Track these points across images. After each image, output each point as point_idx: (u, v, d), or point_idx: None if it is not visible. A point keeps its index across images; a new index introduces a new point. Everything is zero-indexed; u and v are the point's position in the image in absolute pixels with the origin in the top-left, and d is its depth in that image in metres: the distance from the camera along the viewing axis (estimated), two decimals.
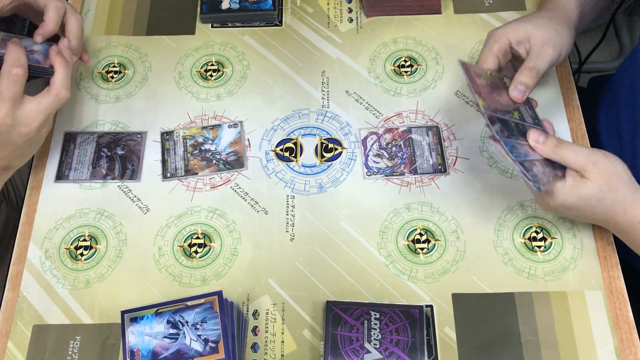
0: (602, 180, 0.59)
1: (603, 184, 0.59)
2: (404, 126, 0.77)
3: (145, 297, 0.68)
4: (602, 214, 0.61)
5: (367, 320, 0.63)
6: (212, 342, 0.59)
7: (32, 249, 0.72)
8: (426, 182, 0.74)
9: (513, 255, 0.69)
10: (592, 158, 0.59)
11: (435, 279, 0.68)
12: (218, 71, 0.83)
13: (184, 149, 0.77)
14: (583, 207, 0.60)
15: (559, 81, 0.79)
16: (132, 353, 0.59)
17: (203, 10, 0.86)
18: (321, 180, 0.75)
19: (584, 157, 0.59)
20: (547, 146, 0.62)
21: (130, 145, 0.78)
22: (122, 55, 0.85)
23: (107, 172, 0.76)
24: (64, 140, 0.78)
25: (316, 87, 0.81)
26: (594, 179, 0.59)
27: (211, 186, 0.75)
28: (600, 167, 0.59)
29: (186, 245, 0.71)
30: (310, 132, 0.78)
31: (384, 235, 0.71)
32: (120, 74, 0.84)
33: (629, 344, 0.64)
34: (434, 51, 0.83)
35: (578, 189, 0.59)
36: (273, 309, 0.68)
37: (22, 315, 0.68)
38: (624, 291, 0.66)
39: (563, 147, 0.60)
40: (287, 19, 0.87)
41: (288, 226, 0.72)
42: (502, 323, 0.65)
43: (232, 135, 0.77)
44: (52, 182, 0.76)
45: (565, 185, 0.60)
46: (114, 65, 0.84)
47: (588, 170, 0.59)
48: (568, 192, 0.60)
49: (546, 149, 0.61)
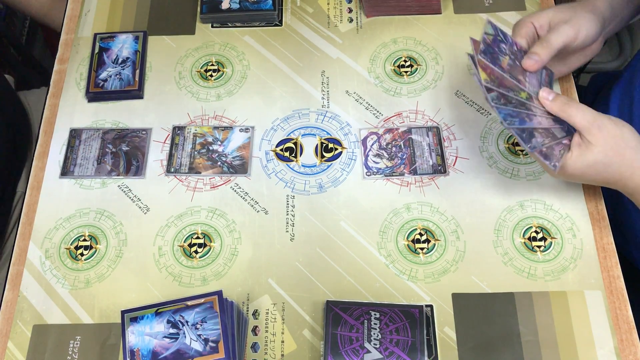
0: (607, 144, 0.59)
1: (608, 148, 0.59)
2: (404, 126, 0.77)
3: (145, 297, 0.68)
4: (610, 178, 0.62)
5: (367, 320, 0.63)
6: (212, 342, 0.59)
7: (32, 249, 0.72)
8: (426, 182, 0.74)
9: (513, 255, 0.69)
10: (599, 121, 0.60)
11: (435, 279, 0.68)
12: (218, 71, 0.83)
13: (192, 146, 0.77)
14: (591, 173, 0.61)
15: (559, 81, 0.79)
16: (132, 353, 0.60)
17: (203, 10, 0.86)
18: (321, 180, 0.75)
19: (591, 118, 0.60)
20: (556, 103, 0.62)
21: (135, 141, 0.78)
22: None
23: (112, 169, 0.76)
24: (69, 137, 0.78)
25: (316, 87, 0.81)
26: (598, 143, 0.59)
27: (211, 186, 0.75)
28: (605, 131, 0.59)
29: (186, 245, 0.72)
30: (310, 132, 0.78)
31: (384, 235, 0.71)
32: None
33: (629, 344, 0.64)
34: (434, 51, 0.83)
35: (584, 156, 0.60)
36: (273, 308, 0.68)
37: (22, 315, 0.68)
38: (624, 291, 0.66)
39: (572, 105, 0.61)
40: (287, 19, 0.87)
41: (288, 226, 0.72)
42: (502, 323, 0.65)
43: (241, 139, 0.77)
44: (52, 182, 0.76)
45: (571, 155, 0.60)
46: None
47: (592, 133, 0.59)
48: (575, 161, 0.60)
49: (555, 105, 0.62)
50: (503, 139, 0.76)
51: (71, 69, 0.84)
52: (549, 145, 0.61)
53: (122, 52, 0.84)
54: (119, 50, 0.84)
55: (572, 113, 0.61)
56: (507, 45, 0.67)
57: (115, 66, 0.83)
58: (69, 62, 0.85)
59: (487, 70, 0.63)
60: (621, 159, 0.60)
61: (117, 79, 0.81)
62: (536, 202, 0.72)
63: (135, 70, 0.82)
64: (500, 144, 0.76)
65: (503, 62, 0.65)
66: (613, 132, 0.60)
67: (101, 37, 0.85)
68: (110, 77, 0.82)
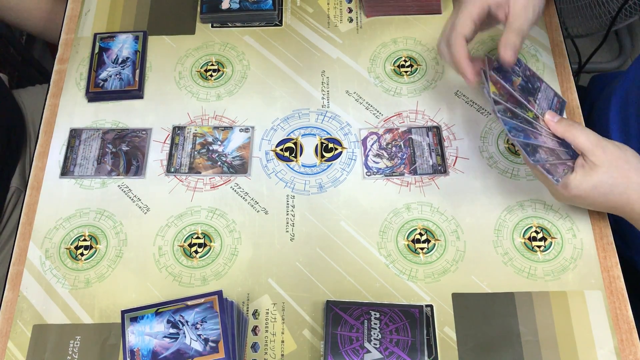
0: (611, 165, 0.59)
1: (612, 169, 0.59)
2: (404, 126, 0.77)
3: (145, 297, 0.68)
4: (617, 201, 0.61)
5: (367, 320, 0.63)
6: (212, 342, 0.59)
7: (32, 249, 0.72)
8: (426, 182, 0.74)
9: (513, 255, 0.69)
10: (602, 143, 0.60)
11: (435, 279, 0.68)
12: (218, 71, 0.83)
13: (192, 147, 0.77)
14: (596, 195, 0.60)
15: (559, 81, 0.80)
16: (132, 353, 0.59)
17: (203, 10, 0.86)
18: (321, 180, 0.75)
19: (595, 140, 0.60)
20: (561, 124, 0.63)
21: (135, 141, 0.78)
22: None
23: (112, 169, 0.76)
24: (69, 137, 0.78)
25: (316, 87, 0.81)
26: (602, 164, 0.59)
27: (211, 186, 0.75)
28: (609, 153, 0.59)
29: (186, 245, 0.72)
30: (310, 132, 0.78)
31: (384, 235, 0.71)
32: None
33: (629, 344, 0.64)
34: (434, 51, 0.83)
35: (588, 176, 0.60)
36: (273, 308, 0.68)
37: (22, 315, 0.68)
38: (624, 291, 0.66)
39: (576, 127, 0.62)
40: (287, 19, 0.87)
41: (288, 226, 0.72)
42: (502, 323, 0.65)
43: (241, 139, 0.77)
44: (52, 182, 0.76)
45: (576, 176, 0.60)
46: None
47: (596, 154, 0.59)
48: (580, 182, 0.60)
49: (560, 127, 0.63)
50: (503, 139, 0.76)
51: (71, 69, 0.84)
52: (552, 162, 0.61)
53: (122, 52, 0.84)
54: (119, 50, 0.84)
55: (576, 134, 0.61)
56: (520, 69, 0.68)
57: (115, 66, 0.83)
58: (69, 62, 0.85)
59: (497, 85, 0.64)
60: (627, 181, 0.59)
61: (117, 79, 0.81)
62: (536, 202, 0.72)
63: (135, 70, 0.82)
64: (500, 144, 0.76)
65: (514, 82, 0.66)
66: (617, 154, 0.60)
67: (101, 37, 0.85)
68: (110, 77, 0.82)
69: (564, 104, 0.71)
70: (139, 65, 0.83)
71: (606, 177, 0.59)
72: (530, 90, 0.67)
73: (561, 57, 0.81)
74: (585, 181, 0.60)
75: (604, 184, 0.59)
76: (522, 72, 0.68)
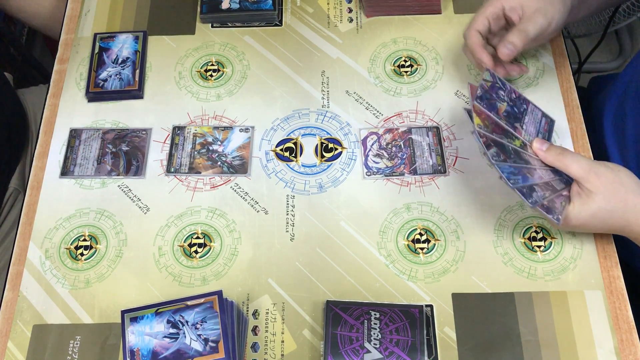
0: (607, 191, 0.59)
1: (609, 194, 0.59)
2: (404, 126, 0.77)
3: (145, 297, 0.68)
4: (617, 225, 0.61)
5: (367, 320, 0.63)
6: (212, 342, 0.59)
7: (32, 249, 0.72)
8: (426, 182, 0.74)
9: (513, 255, 0.69)
10: (595, 168, 0.59)
11: (435, 279, 0.68)
12: (218, 71, 0.83)
13: (192, 147, 0.77)
14: (596, 222, 0.60)
15: (559, 81, 0.79)
16: (132, 353, 0.60)
17: (203, 10, 0.86)
18: (321, 180, 0.75)
19: (587, 166, 0.59)
20: (550, 153, 0.62)
21: (135, 141, 0.78)
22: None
23: (112, 168, 0.76)
24: (69, 137, 0.78)
25: (316, 87, 0.81)
26: (598, 190, 0.59)
27: (211, 186, 0.75)
28: (603, 178, 0.59)
29: (186, 245, 0.72)
30: (310, 132, 0.78)
31: (384, 235, 0.71)
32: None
33: (629, 344, 0.64)
34: (434, 51, 0.83)
35: (586, 205, 0.59)
36: (273, 308, 0.68)
37: (22, 315, 0.68)
38: (624, 291, 0.66)
39: (566, 155, 0.61)
40: (287, 19, 0.87)
41: (288, 226, 0.72)
42: (502, 323, 0.65)
43: (241, 139, 0.77)
44: (52, 182, 0.76)
45: (574, 207, 0.60)
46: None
47: (590, 181, 0.59)
48: (579, 212, 0.60)
49: (549, 156, 0.62)
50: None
51: (71, 69, 0.84)
52: (549, 198, 0.61)
53: (122, 52, 0.84)
54: (119, 50, 0.84)
55: (567, 163, 0.60)
56: (505, 93, 0.67)
57: (115, 66, 0.83)
58: (69, 62, 0.85)
59: (482, 116, 0.63)
60: (624, 205, 0.59)
61: (117, 79, 0.81)
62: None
63: (135, 70, 0.82)
64: None
65: (500, 109, 0.66)
66: (611, 178, 0.59)
67: (101, 37, 0.85)
68: (110, 77, 0.82)
69: (552, 124, 0.71)
70: (139, 65, 0.83)
71: (604, 203, 0.59)
72: (516, 115, 0.67)
73: (561, 57, 0.81)
74: (583, 210, 0.60)
75: (602, 210, 0.59)
76: (508, 95, 0.67)
